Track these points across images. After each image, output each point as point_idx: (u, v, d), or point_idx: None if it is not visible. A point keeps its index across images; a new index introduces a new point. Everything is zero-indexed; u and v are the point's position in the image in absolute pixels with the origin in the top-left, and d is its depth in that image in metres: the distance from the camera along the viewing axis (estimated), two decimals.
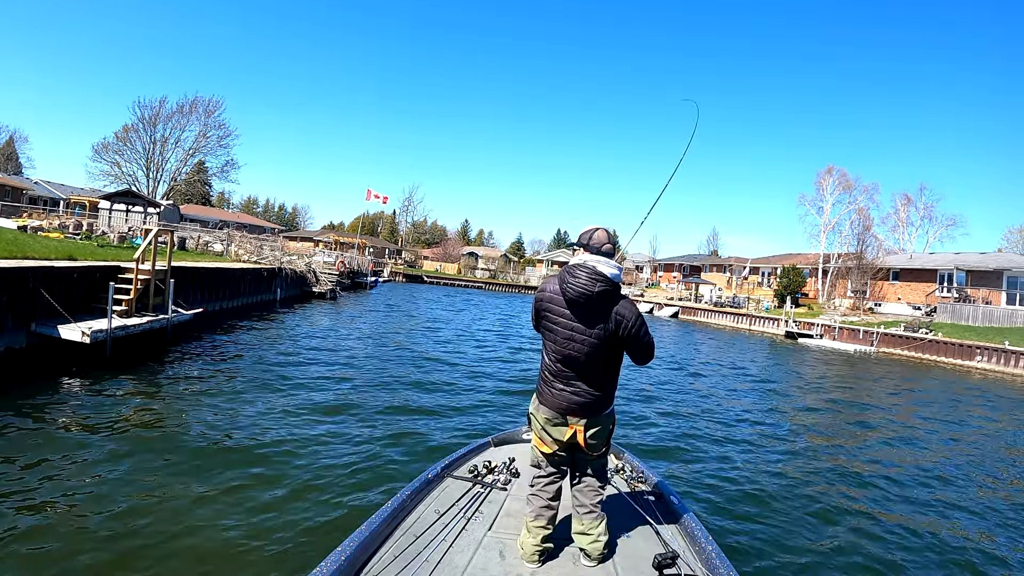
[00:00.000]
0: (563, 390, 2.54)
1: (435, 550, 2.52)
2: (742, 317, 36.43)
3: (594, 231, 2.57)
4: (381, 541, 2.58)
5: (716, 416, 9.92)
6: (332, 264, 33.39)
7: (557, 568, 2.50)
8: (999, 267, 31.44)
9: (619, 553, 2.64)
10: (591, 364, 2.51)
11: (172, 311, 11.58)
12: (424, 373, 11.28)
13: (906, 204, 50.29)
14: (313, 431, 6.88)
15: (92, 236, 18.91)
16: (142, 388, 8.21)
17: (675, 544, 2.67)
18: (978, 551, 5.23)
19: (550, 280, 2.60)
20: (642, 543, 2.74)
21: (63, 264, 10.35)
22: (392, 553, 2.49)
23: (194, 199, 57.95)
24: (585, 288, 2.42)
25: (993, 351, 22.95)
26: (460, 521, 2.83)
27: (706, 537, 2.68)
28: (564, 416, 2.55)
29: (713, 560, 2.49)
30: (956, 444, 9.57)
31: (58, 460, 5.37)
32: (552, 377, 2.57)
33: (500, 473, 3.44)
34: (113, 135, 44.11)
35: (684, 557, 2.50)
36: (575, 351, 2.50)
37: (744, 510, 5.63)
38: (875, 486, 6.82)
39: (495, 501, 3.14)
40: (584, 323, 2.47)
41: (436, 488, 3.24)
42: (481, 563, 2.48)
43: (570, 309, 2.49)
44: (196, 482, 5.17)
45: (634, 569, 2.50)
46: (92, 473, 5.18)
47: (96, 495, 4.75)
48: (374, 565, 2.40)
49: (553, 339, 2.55)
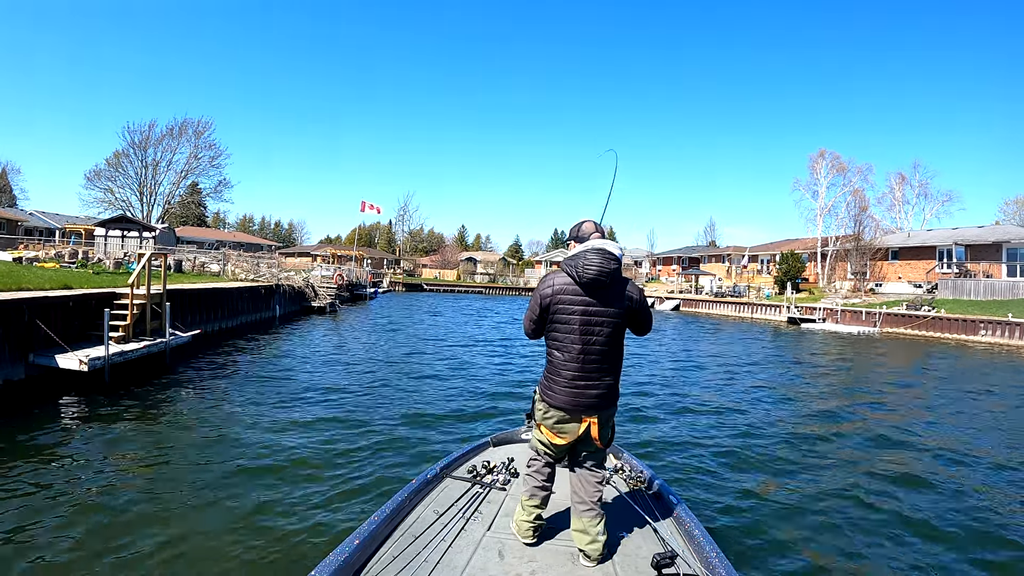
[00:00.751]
0: (581, 387, 2.54)
1: (434, 550, 2.52)
2: (744, 306, 36.36)
3: (582, 223, 2.68)
4: (380, 541, 2.58)
5: (717, 411, 9.84)
6: (330, 278, 33.38)
7: (557, 568, 2.49)
8: (998, 240, 31.38)
9: (618, 553, 2.63)
10: (612, 347, 2.56)
11: (170, 334, 11.54)
12: (423, 381, 11.23)
13: (901, 183, 50.21)
14: (314, 446, 6.83)
15: (88, 264, 18.90)
16: (141, 413, 8.15)
17: (674, 544, 2.66)
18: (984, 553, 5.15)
19: (550, 276, 2.58)
20: (641, 542, 2.73)
21: (58, 294, 10.33)
22: (391, 553, 2.49)
23: (189, 221, 58.04)
24: (603, 267, 2.47)
25: (997, 324, 22.88)
26: (459, 521, 2.83)
27: (705, 537, 2.67)
28: (579, 414, 2.56)
29: (712, 560, 2.48)
30: (961, 428, 9.49)
31: (55, 490, 5.32)
32: (567, 375, 2.54)
33: (499, 473, 3.43)
34: (104, 162, 44.12)
35: (683, 556, 2.49)
36: (597, 336, 2.52)
37: (744, 510, 5.56)
38: (881, 480, 6.69)
39: (494, 501, 3.13)
40: (605, 304, 2.51)
41: (435, 488, 3.24)
42: (480, 563, 2.48)
43: (589, 294, 2.51)
44: (199, 501, 5.14)
45: (633, 569, 2.50)
46: (91, 501, 5.13)
47: (97, 523, 4.71)
48: (373, 565, 2.40)
49: (568, 332, 2.53)
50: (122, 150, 43.64)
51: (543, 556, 2.59)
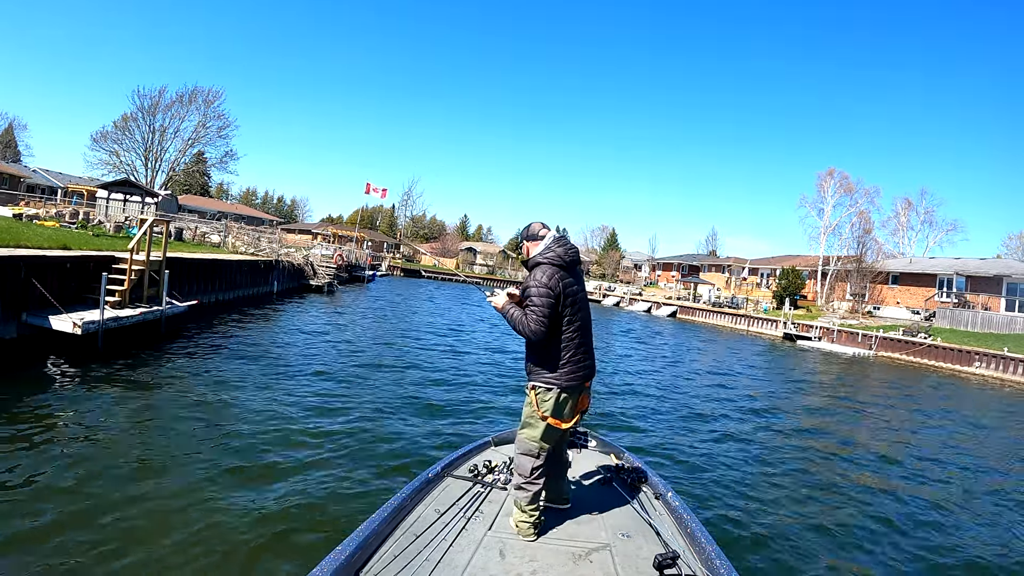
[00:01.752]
0: (585, 357, 2.85)
1: (435, 549, 2.52)
2: (740, 318, 36.34)
3: (531, 224, 3.01)
4: (381, 540, 2.57)
5: (717, 417, 9.83)
6: (330, 257, 33.24)
7: (558, 568, 2.49)
8: (999, 273, 31.40)
9: (619, 553, 2.62)
10: (590, 316, 2.98)
11: (167, 303, 11.44)
12: (422, 370, 11.17)
13: (907, 208, 50.28)
14: (309, 427, 6.76)
15: (88, 225, 18.73)
16: (133, 380, 8.07)
17: (675, 544, 2.65)
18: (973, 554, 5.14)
19: (541, 274, 2.77)
20: (642, 543, 2.73)
21: (56, 253, 10.20)
22: (392, 552, 2.49)
23: (192, 189, 57.62)
24: (575, 248, 2.93)
25: (992, 357, 22.89)
26: (460, 520, 2.82)
27: (706, 537, 2.67)
28: (584, 382, 2.86)
29: (713, 560, 2.47)
30: (951, 449, 9.49)
31: (42, 454, 5.25)
32: (578, 351, 2.81)
33: (500, 473, 3.43)
34: (112, 124, 43.74)
35: (684, 557, 2.49)
36: (585, 309, 2.90)
37: (745, 510, 5.59)
38: (875, 487, 6.74)
39: (495, 501, 3.13)
40: (579, 280, 2.92)
41: (436, 487, 3.23)
42: (481, 562, 2.48)
43: (571, 274, 2.85)
44: (188, 478, 5.06)
45: (634, 569, 2.49)
46: (78, 469, 5.05)
47: (85, 492, 4.63)
48: (374, 564, 2.39)
49: (574, 312, 2.81)
50: (131, 113, 43.34)
51: (544, 555, 2.58)
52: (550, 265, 2.78)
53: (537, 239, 2.93)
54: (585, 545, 2.70)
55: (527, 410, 2.88)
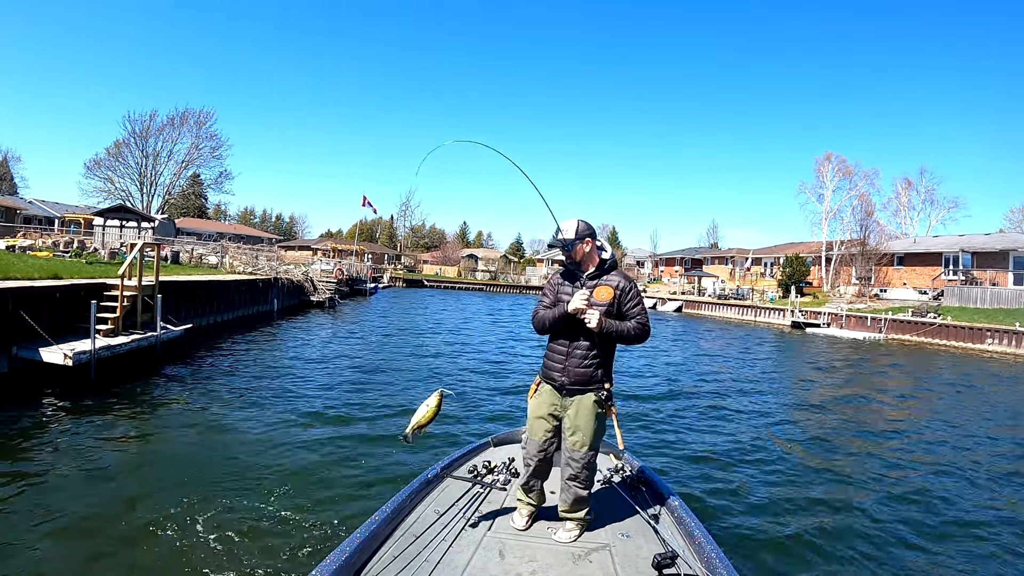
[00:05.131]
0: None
1: (435, 550, 2.53)
2: (747, 309, 36.00)
3: (580, 221, 2.86)
4: (381, 541, 2.59)
5: (719, 412, 9.57)
6: (330, 272, 33.09)
7: (557, 568, 2.49)
8: (1005, 248, 31.00)
9: (619, 553, 2.63)
10: None
11: (161, 328, 11.23)
12: (425, 380, 10.93)
13: (907, 188, 49.84)
14: (308, 444, 6.54)
15: (83, 253, 18.60)
16: (127, 410, 7.85)
17: (674, 544, 2.65)
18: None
19: (624, 273, 2.76)
20: (642, 543, 2.74)
21: (43, 283, 10.02)
22: (392, 553, 2.50)
23: (189, 212, 57.74)
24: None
25: (1004, 333, 22.53)
26: (460, 521, 2.84)
27: (706, 537, 2.66)
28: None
29: (712, 560, 2.47)
30: (969, 437, 9.18)
31: (35, 492, 5.02)
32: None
33: (500, 473, 3.44)
34: (105, 151, 43.78)
35: (683, 557, 2.49)
36: None
37: (745, 510, 5.46)
38: (882, 485, 6.45)
39: (495, 501, 3.14)
40: None
41: (436, 488, 3.25)
42: (481, 563, 2.48)
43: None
44: (185, 503, 4.82)
45: (633, 569, 2.50)
46: (72, 505, 4.82)
47: (82, 527, 4.41)
48: (374, 565, 2.40)
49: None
50: (123, 139, 43.39)
51: (543, 555, 2.58)
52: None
53: (596, 237, 2.80)
54: (585, 545, 2.70)
55: (601, 414, 2.79)
